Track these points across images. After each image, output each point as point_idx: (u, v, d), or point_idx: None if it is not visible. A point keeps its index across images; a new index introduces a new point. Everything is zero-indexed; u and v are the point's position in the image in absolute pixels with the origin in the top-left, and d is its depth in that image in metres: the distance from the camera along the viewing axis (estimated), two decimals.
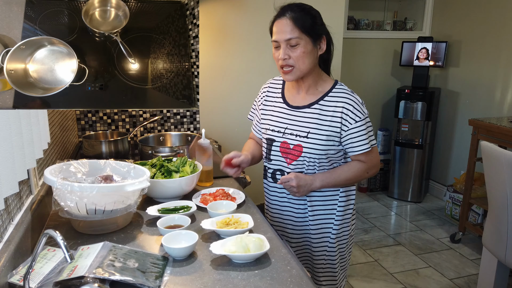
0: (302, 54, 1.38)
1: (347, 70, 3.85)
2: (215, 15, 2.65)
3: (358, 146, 1.44)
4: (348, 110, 1.42)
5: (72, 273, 0.97)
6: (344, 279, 1.67)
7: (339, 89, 1.47)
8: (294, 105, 1.52)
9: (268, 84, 1.64)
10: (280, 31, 1.38)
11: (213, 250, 1.11)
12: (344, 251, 1.61)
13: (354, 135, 1.43)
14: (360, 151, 1.44)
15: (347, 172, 1.49)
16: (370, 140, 1.45)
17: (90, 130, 2.46)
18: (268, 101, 1.60)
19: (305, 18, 1.38)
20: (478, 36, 3.49)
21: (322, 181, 1.47)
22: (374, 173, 1.53)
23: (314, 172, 1.49)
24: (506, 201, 1.95)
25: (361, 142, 1.44)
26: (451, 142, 3.86)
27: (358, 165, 1.49)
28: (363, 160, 1.48)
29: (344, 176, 1.49)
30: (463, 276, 2.71)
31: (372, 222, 3.53)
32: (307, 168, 1.48)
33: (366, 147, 1.44)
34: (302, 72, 1.42)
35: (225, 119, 2.80)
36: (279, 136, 1.51)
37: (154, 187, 1.47)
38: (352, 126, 1.42)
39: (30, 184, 1.34)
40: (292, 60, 1.39)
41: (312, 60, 1.42)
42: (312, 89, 1.49)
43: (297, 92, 1.53)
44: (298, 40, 1.37)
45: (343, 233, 1.58)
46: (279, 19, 1.40)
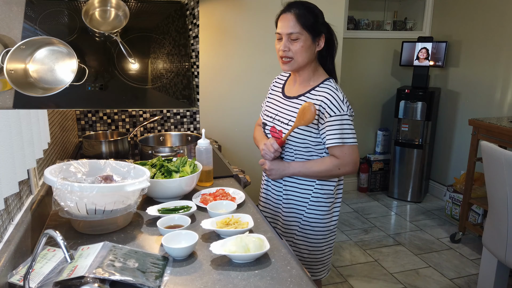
0: (301, 48, 1.51)
1: (347, 70, 3.85)
2: (215, 15, 2.65)
3: (330, 139, 1.53)
4: (326, 104, 1.52)
5: (72, 273, 0.97)
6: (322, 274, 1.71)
7: (325, 84, 1.57)
8: (287, 95, 1.66)
9: (277, 78, 1.81)
10: (284, 25, 1.51)
11: (213, 250, 1.11)
12: (320, 244, 1.66)
13: (327, 128, 1.52)
14: (331, 144, 1.52)
15: (319, 165, 1.57)
16: (343, 137, 1.52)
17: (90, 130, 2.46)
18: (272, 91, 1.77)
19: (308, 16, 1.50)
20: (478, 36, 3.49)
21: (294, 169, 1.59)
22: (347, 171, 1.57)
23: (292, 159, 1.61)
24: (506, 201, 1.96)
25: (333, 136, 1.52)
26: (451, 142, 3.86)
27: (330, 160, 1.56)
28: (337, 155, 1.54)
29: (315, 169, 1.57)
30: (463, 276, 2.71)
31: (372, 222, 3.53)
32: (285, 153, 1.62)
33: (337, 142, 1.51)
34: (299, 65, 1.55)
35: (225, 119, 2.80)
36: (270, 121, 1.68)
37: (154, 187, 1.47)
38: (327, 120, 1.52)
39: (30, 184, 1.34)
40: (291, 53, 1.52)
41: (309, 55, 1.54)
42: (305, 82, 1.61)
43: (293, 84, 1.67)
44: (298, 35, 1.50)
45: (316, 227, 1.64)
46: (284, 13, 1.53)
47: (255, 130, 1.87)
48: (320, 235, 1.65)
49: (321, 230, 1.65)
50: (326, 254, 1.69)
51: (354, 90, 3.98)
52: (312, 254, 1.66)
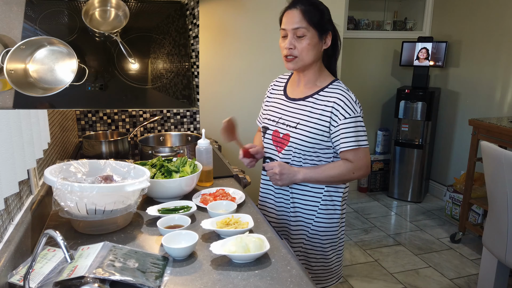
0: (307, 46, 1.44)
1: (347, 70, 3.85)
2: (215, 15, 2.65)
3: (344, 143, 1.45)
4: (339, 106, 1.45)
5: (72, 273, 0.97)
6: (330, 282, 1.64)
7: (336, 85, 1.50)
8: (291, 97, 1.58)
9: (275, 80, 1.73)
10: (289, 21, 1.45)
11: (213, 250, 1.11)
12: (328, 253, 1.60)
13: (342, 131, 1.45)
14: (346, 147, 1.45)
15: (331, 169, 1.49)
16: (358, 140, 1.45)
17: (90, 130, 2.46)
18: (272, 94, 1.69)
19: (314, 12, 1.44)
20: (478, 36, 3.49)
21: (305, 174, 1.49)
22: (361, 175, 1.51)
23: (300, 165, 1.52)
24: (506, 201, 1.96)
25: (348, 139, 1.44)
26: (451, 142, 3.86)
27: (344, 164, 1.49)
28: (351, 159, 1.47)
29: (327, 173, 1.48)
30: (463, 276, 2.71)
31: (372, 222, 3.53)
32: (292, 159, 1.52)
33: (352, 145, 1.44)
34: (305, 63, 1.48)
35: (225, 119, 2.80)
36: (273, 125, 1.59)
37: (154, 187, 1.47)
38: (341, 122, 1.44)
39: (30, 184, 1.34)
40: (296, 51, 1.45)
41: (316, 53, 1.47)
42: (310, 84, 1.54)
43: (297, 85, 1.59)
44: (305, 31, 1.43)
45: (325, 236, 1.58)
46: (290, 9, 1.46)
47: (256, 136, 1.82)
48: (328, 244, 1.59)
49: (330, 239, 1.58)
50: (334, 262, 1.63)
51: (354, 90, 3.92)
52: (320, 262, 1.60)
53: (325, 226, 1.57)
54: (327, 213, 1.56)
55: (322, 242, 1.58)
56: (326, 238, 1.58)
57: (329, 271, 1.63)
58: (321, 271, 1.62)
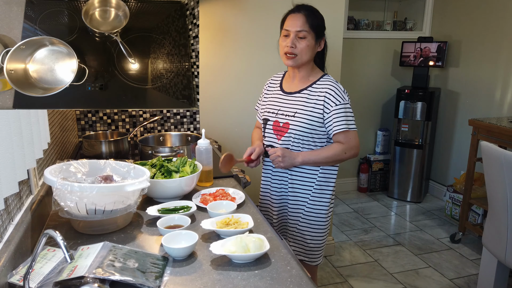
0: (306, 47, 1.65)
1: (347, 70, 3.84)
2: (215, 15, 2.65)
3: (336, 126, 1.65)
4: (330, 95, 1.66)
5: (72, 273, 0.97)
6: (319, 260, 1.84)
7: (326, 78, 1.72)
8: (288, 91, 1.78)
9: (270, 80, 1.93)
10: (293, 23, 1.64)
11: (213, 250, 1.11)
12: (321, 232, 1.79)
13: (333, 116, 1.65)
14: (338, 130, 1.65)
15: (326, 151, 1.69)
16: (348, 123, 1.66)
17: (90, 130, 2.45)
18: (269, 91, 1.88)
19: (315, 18, 1.66)
20: (478, 36, 3.49)
21: (304, 157, 1.69)
22: (352, 155, 1.71)
23: (298, 149, 1.71)
24: (506, 201, 1.96)
25: (339, 123, 1.65)
26: (451, 142, 3.86)
27: (337, 145, 1.69)
28: (342, 141, 1.68)
29: (324, 154, 1.69)
30: (463, 276, 2.71)
31: (372, 222, 3.53)
32: (292, 144, 1.71)
33: (343, 127, 1.65)
34: (302, 61, 1.68)
35: (225, 119, 2.80)
36: (273, 116, 1.77)
37: (154, 187, 1.47)
38: (332, 109, 1.65)
39: (30, 184, 1.34)
40: (297, 50, 1.65)
41: (312, 54, 1.69)
42: (304, 79, 1.75)
43: (292, 80, 1.79)
44: (306, 33, 1.63)
45: (319, 211, 1.77)
46: (294, 13, 1.67)
47: (254, 131, 1.98)
48: (322, 221, 1.77)
49: (322, 216, 1.77)
50: (325, 240, 1.83)
51: (354, 90, 3.98)
52: (315, 239, 1.79)
53: (319, 205, 1.76)
54: (321, 193, 1.76)
55: (316, 220, 1.77)
56: (320, 216, 1.77)
57: (321, 249, 1.83)
58: (315, 249, 1.81)
